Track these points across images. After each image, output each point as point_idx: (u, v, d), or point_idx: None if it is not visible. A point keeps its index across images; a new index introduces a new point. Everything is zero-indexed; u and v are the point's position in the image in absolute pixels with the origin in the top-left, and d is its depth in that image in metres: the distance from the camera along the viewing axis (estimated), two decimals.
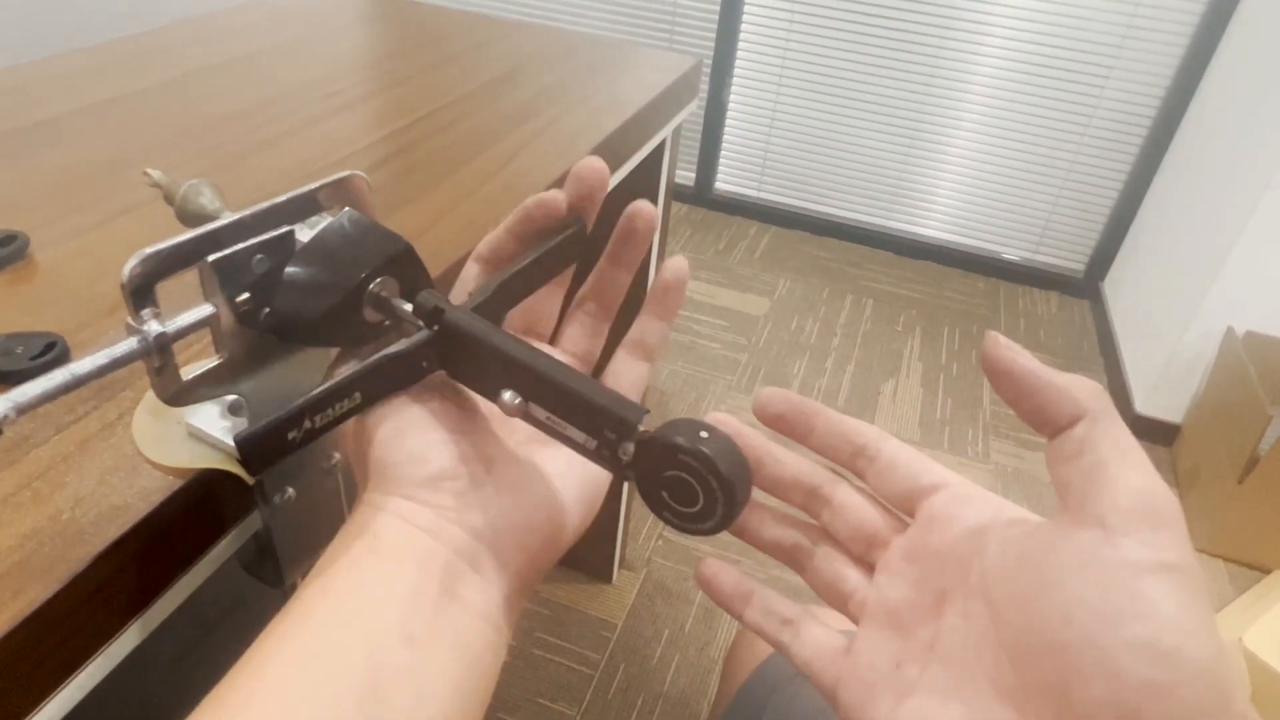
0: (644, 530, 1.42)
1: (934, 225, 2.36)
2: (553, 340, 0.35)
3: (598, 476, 0.30)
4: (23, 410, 0.22)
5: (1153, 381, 1.72)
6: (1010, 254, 2.32)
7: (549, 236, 0.31)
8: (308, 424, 0.25)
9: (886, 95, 2.22)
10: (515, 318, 0.34)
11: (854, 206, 2.41)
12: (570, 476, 0.29)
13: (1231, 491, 1.43)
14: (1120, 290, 2.10)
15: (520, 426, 0.29)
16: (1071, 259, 2.27)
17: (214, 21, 0.84)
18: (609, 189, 0.31)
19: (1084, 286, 2.26)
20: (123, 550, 0.30)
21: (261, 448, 0.25)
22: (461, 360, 0.28)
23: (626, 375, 0.33)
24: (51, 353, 0.37)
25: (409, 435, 0.27)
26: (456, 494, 0.27)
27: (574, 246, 0.32)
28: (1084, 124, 2.09)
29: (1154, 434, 1.73)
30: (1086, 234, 2.23)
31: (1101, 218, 2.19)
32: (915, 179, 2.31)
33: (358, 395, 0.26)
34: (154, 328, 0.26)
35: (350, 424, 0.28)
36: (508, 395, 0.27)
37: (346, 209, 0.31)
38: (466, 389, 0.29)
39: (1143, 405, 1.75)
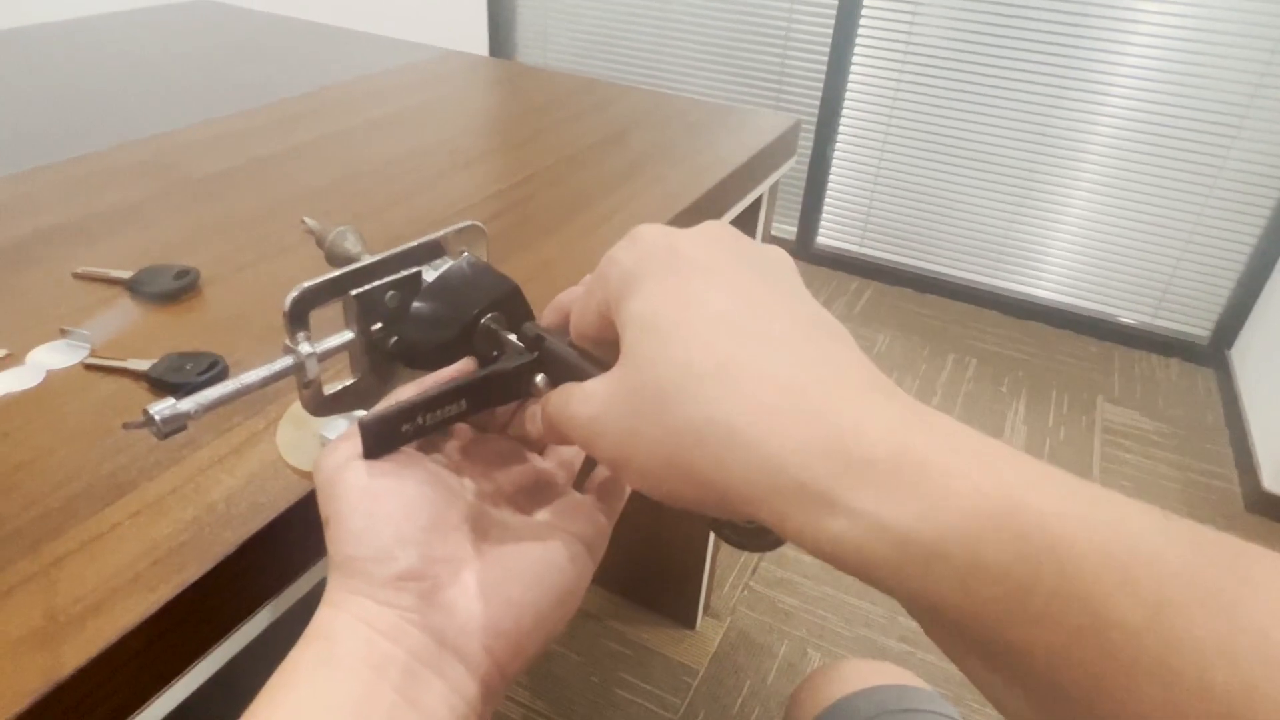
0: (729, 579, 1.43)
1: (1045, 285, 2.29)
2: None
3: (574, 580, 0.29)
4: (206, 409, 0.28)
5: None
6: (1127, 317, 2.22)
7: None
8: (420, 420, 0.29)
9: (996, 151, 2.19)
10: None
11: (959, 264, 2.37)
12: (545, 581, 0.28)
13: None
14: (1249, 359, 1.98)
15: (504, 517, 0.31)
16: (1195, 324, 2.16)
17: (358, 86, 0.94)
18: None
19: (1208, 354, 2.14)
20: (265, 540, 0.35)
21: (379, 433, 0.29)
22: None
23: None
24: (213, 370, 0.44)
25: (378, 532, 0.27)
26: (421, 595, 0.26)
27: None
28: (1210, 181, 2.00)
29: None
30: (1212, 298, 2.12)
31: (1229, 282, 2.08)
32: (1025, 237, 2.26)
33: (463, 403, 0.30)
34: (306, 348, 0.31)
35: (325, 513, 0.28)
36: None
37: (465, 254, 0.36)
38: (456, 481, 0.31)
39: (1271, 482, 1.63)
